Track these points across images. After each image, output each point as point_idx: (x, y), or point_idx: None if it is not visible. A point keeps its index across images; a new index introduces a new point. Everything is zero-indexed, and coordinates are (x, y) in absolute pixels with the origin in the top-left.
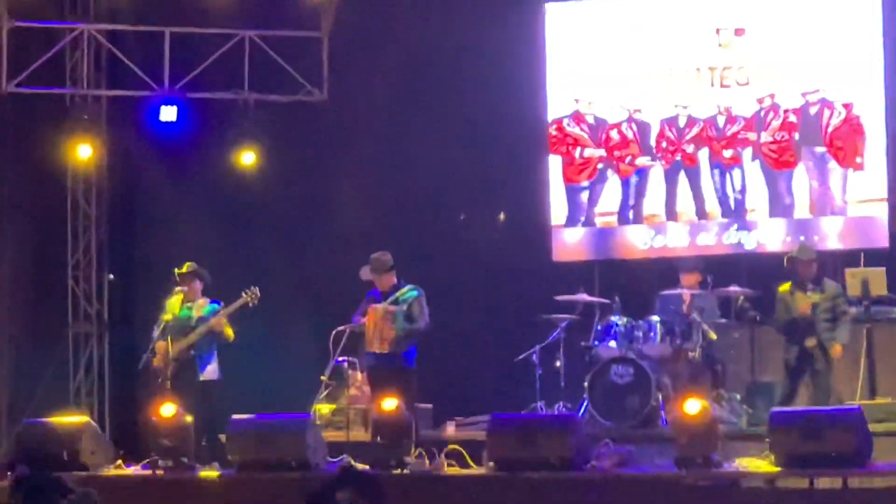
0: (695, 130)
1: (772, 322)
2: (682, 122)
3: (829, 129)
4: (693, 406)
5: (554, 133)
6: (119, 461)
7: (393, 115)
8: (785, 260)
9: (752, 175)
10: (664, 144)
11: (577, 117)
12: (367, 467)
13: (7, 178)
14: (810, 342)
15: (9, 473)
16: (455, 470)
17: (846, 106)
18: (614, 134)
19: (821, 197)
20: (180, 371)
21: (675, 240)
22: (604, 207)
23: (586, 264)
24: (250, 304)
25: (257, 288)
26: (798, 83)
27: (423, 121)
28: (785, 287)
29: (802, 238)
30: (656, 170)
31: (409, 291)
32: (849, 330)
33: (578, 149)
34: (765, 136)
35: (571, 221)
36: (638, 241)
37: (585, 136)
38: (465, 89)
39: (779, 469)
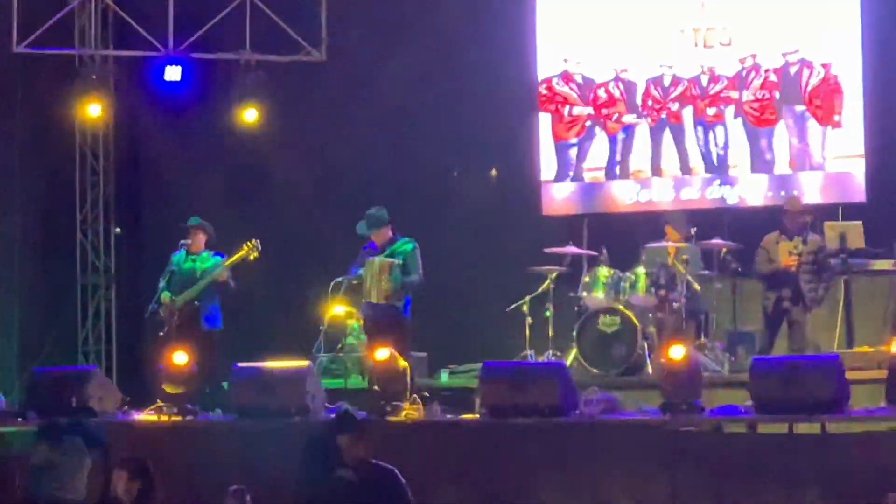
0: (679, 89)
1: (752, 272)
2: (666, 82)
3: (809, 89)
4: (677, 351)
5: (543, 92)
6: (125, 407)
7: (388, 75)
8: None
9: (734, 132)
10: (650, 103)
11: (566, 76)
12: (364, 413)
13: (17, 135)
14: (785, 293)
15: (18, 420)
16: (448, 416)
17: (825, 66)
18: (602, 93)
19: (800, 153)
20: (184, 321)
21: (661, 194)
22: (592, 163)
23: (574, 218)
24: (251, 257)
25: (258, 241)
26: (778, 44)
27: (418, 81)
28: (771, 236)
29: (783, 193)
30: (642, 127)
31: (404, 244)
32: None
33: (567, 107)
34: (746, 95)
35: (560, 177)
36: (624, 195)
37: (574, 94)
38: (459, 50)
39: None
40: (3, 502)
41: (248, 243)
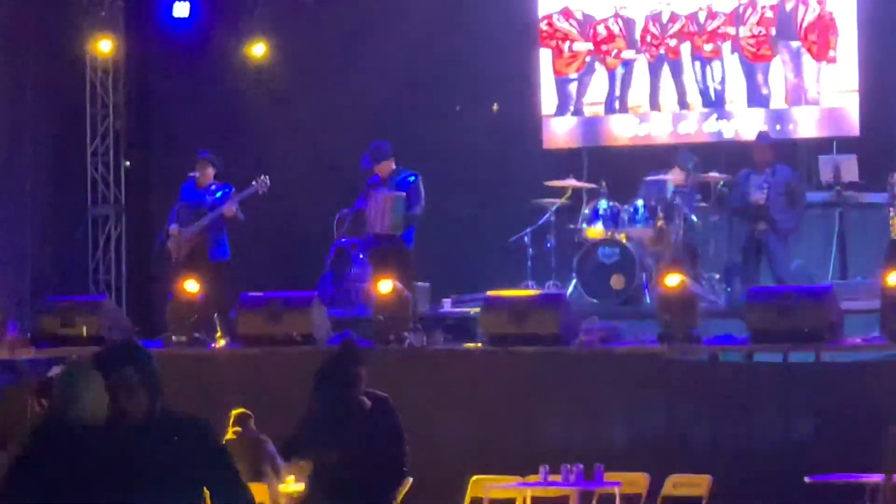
0: (677, 25)
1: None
2: (665, 18)
3: (804, 25)
4: (673, 279)
5: (544, 28)
6: (135, 336)
7: (393, 11)
8: None
9: (731, 67)
10: (648, 39)
11: (566, 13)
12: (369, 342)
13: (30, 71)
14: (759, 226)
15: (32, 347)
16: (450, 345)
17: (820, 2)
18: (601, 29)
19: (795, 88)
20: (193, 252)
21: (659, 129)
22: (591, 98)
23: (575, 152)
24: (260, 192)
25: (267, 177)
26: None
27: (422, 18)
28: (743, 172)
29: (778, 127)
30: (641, 63)
31: (407, 177)
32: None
33: (567, 43)
34: (743, 31)
35: (561, 111)
36: (623, 129)
37: (574, 30)
38: None
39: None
40: (19, 424)
41: (258, 179)
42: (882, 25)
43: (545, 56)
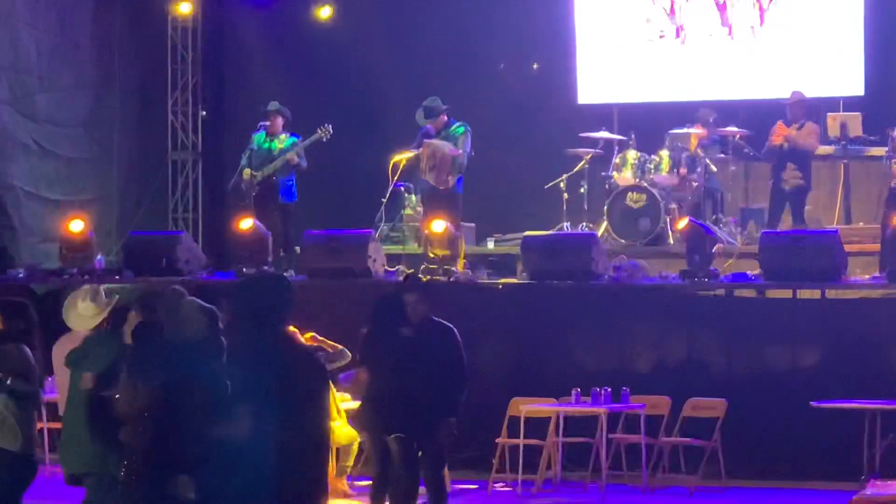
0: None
1: (761, 155)
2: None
3: None
4: (682, 223)
5: None
6: (209, 268)
7: None
8: None
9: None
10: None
11: None
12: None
13: (117, 29)
14: (787, 174)
15: (116, 277)
16: (493, 279)
17: None
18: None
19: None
20: (262, 193)
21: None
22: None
23: (607, 107)
24: (324, 139)
25: (330, 125)
26: None
27: None
28: (778, 124)
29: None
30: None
31: (457, 128)
32: None
33: None
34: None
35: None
36: (651, 89)
37: None
38: None
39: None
40: None
41: (322, 128)
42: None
43: (580, 21)
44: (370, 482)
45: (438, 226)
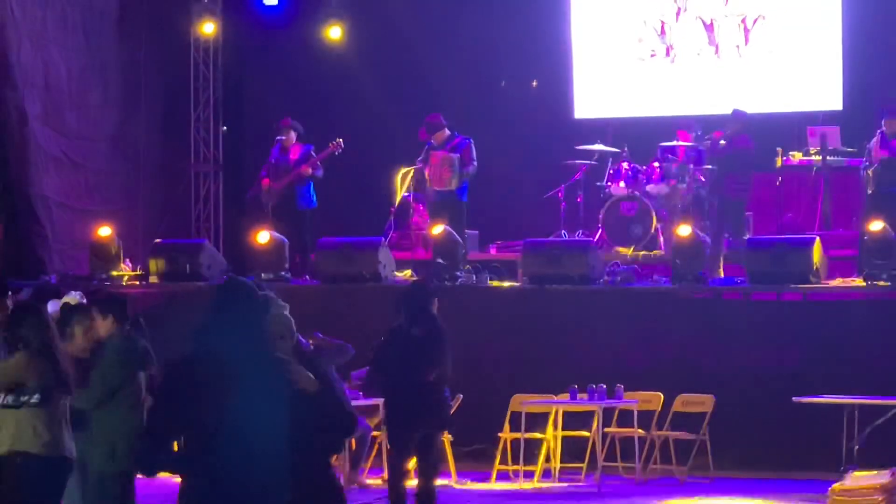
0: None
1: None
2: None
3: None
4: (684, 230)
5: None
6: (228, 273)
7: (448, 4)
8: None
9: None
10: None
11: None
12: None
13: (143, 49)
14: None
15: (141, 281)
16: (495, 283)
17: None
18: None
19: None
20: (280, 202)
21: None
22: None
23: (601, 121)
24: (336, 153)
25: (341, 140)
26: None
27: (474, 9)
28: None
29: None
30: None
31: (461, 140)
32: None
33: None
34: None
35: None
36: (642, 105)
37: None
38: None
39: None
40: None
41: (333, 142)
42: (865, 13)
43: (577, 37)
44: (384, 474)
45: (437, 229)
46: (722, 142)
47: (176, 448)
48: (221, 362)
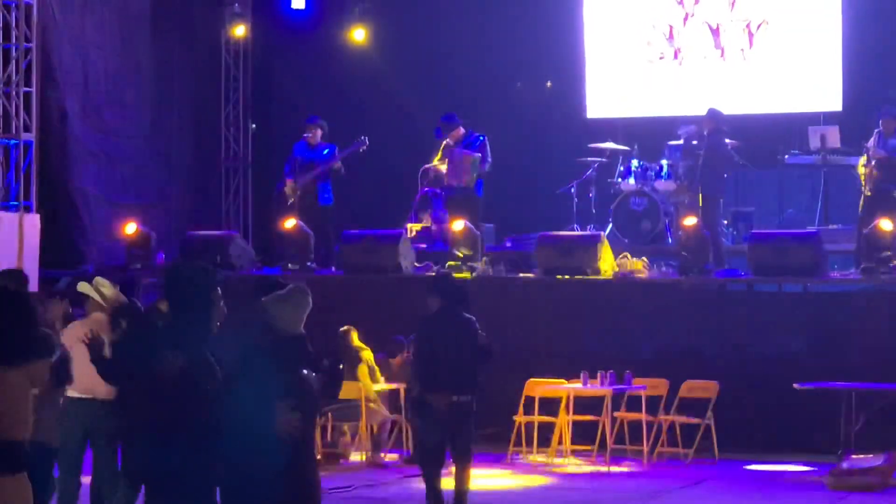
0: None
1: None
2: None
3: None
4: (690, 221)
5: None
6: (257, 263)
7: (470, 5)
8: None
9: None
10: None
11: None
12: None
13: (176, 50)
14: None
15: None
16: (511, 274)
17: None
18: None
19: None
20: (304, 197)
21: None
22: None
23: (612, 120)
24: (361, 150)
25: (366, 137)
26: None
27: (494, 13)
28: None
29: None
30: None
31: (477, 138)
32: None
33: None
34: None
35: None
36: (651, 105)
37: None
38: None
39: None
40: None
41: (358, 139)
42: (863, 20)
43: (589, 45)
44: (403, 455)
45: (458, 224)
46: (694, 141)
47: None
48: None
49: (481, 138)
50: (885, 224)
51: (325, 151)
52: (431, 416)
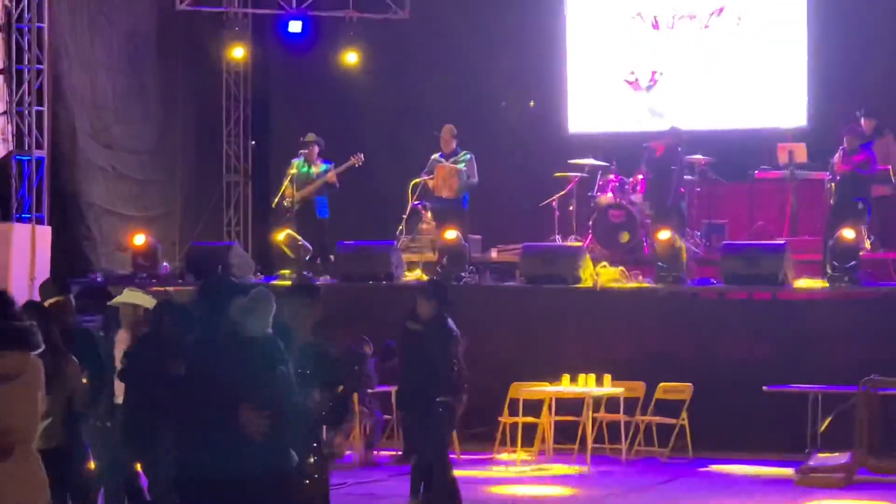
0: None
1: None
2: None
3: None
4: (664, 234)
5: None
6: (257, 272)
7: (456, 30)
8: None
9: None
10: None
11: None
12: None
13: (179, 71)
14: None
15: (179, 281)
16: (496, 283)
17: None
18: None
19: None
20: (302, 211)
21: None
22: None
23: (592, 136)
24: (356, 165)
25: (362, 154)
26: None
27: (479, 37)
28: None
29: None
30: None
31: (464, 154)
32: None
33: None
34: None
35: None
36: (629, 121)
37: None
38: (504, 16)
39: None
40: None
41: (355, 155)
42: (828, 36)
43: (571, 65)
44: (395, 453)
45: (452, 233)
46: (657, 154)
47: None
48: None
49: (468, 155)
50: (847, 233)
51: (322, 167)
52: (414, 417)
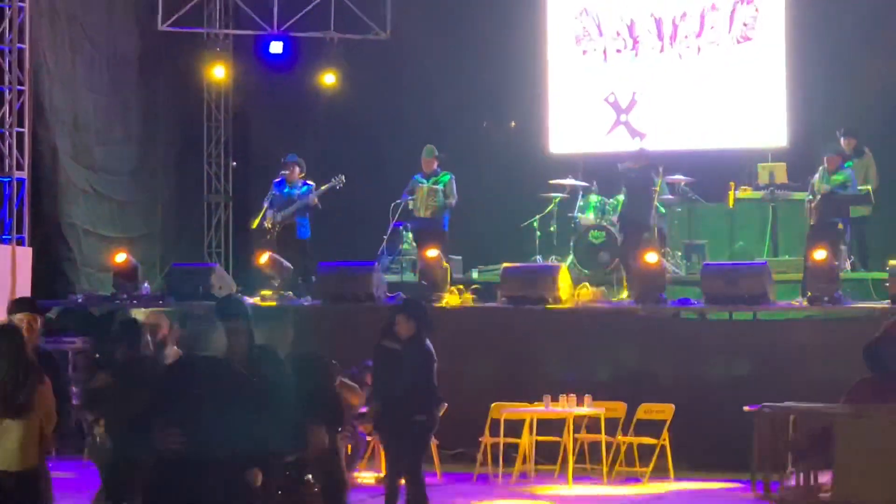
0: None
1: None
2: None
3: None
4: (651, 257)
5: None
6: (238, 293)
7: (435, 51)
8: None
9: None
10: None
11: None
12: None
13: (160, 92)
14: None
15: (159, 302)
16: (478, 303)
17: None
18: None
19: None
20: (283, 231)
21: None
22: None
23: (573, 157)
24: (338, 187)
25: (343, 175)
26: None
27: (459, 57)
28: None
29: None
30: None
31: (444, 175)
32: None
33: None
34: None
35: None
36: (609, 142)
37: None
38: (489, 33)
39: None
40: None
41: (336, 177)
42: (807, 56)
43: (553, 82)
44: (377, 475)
45: (433, 252)
46: (632, 175)
47: None
48: None
49: (448, 176)
50: (818, 254)
51: (304, 188)
52: (390, 435)
